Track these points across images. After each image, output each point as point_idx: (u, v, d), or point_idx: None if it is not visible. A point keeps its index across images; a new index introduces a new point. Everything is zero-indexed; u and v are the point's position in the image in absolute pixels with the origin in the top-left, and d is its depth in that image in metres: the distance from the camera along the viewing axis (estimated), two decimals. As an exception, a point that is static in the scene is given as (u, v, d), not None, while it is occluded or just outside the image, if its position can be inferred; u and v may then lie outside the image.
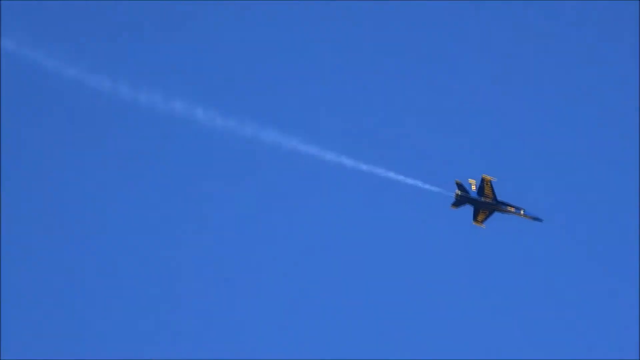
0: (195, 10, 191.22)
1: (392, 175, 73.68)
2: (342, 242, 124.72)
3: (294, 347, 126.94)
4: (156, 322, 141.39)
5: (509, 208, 70.85)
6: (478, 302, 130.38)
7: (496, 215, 74.62)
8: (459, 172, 70.55)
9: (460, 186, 69.31)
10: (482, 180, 67.98)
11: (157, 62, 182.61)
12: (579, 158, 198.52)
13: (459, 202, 69.07)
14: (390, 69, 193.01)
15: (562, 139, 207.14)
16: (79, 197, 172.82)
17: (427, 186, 70.79)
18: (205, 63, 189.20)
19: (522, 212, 71.98)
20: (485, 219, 69.72)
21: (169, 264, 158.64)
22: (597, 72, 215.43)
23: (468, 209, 68.64)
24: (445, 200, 68.67)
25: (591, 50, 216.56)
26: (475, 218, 69.98)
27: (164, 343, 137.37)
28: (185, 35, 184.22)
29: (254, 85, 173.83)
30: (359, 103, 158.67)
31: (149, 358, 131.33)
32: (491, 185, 67.83)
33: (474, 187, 70.06)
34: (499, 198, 67.05)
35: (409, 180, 72.30)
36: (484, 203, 68.26)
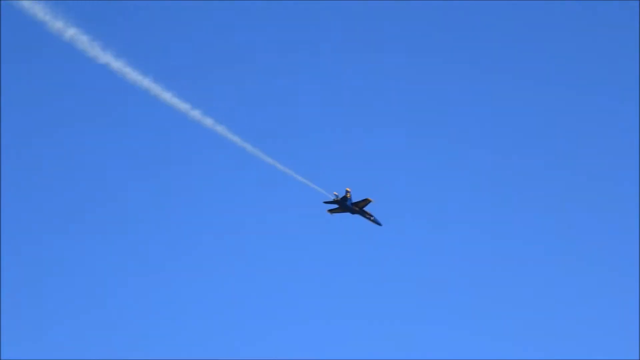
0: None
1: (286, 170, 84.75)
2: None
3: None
4: (156, 322, 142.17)
5: (367, 216, 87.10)
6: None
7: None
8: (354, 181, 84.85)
9: (339, 198, 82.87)
10: (347, 194, 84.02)
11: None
12: (579, 158, 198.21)
13: (336, 203, 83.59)
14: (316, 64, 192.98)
15: (562, 138, 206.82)
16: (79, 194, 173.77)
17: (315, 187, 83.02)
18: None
19: (372, 218, 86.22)
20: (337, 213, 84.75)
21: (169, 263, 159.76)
22: (597, 72, 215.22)
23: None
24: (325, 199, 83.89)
25: (591, 50, 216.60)
26: (331, 211, 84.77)
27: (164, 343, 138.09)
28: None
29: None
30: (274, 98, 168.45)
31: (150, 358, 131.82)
32: (358, 205, 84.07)
33: (348, 195, 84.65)
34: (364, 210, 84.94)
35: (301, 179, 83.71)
36: (350, 208, 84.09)
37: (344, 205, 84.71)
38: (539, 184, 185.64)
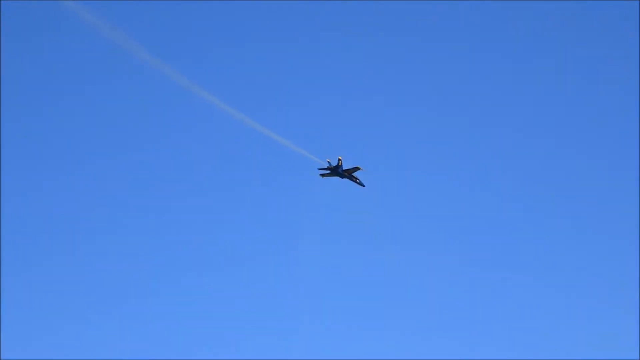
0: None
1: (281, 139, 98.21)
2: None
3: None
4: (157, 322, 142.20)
5: (354, 179, 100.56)
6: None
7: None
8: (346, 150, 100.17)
9: (335, 166, 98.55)
10: (340, 162, 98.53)
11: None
12: (578, 158, 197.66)
13: (329, 170, 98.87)
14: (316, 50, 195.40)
15: (561, 139, 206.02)
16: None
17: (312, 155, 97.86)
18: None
19: (357, 181, 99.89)
20: (328, 176, 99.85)
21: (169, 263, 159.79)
22: (597, 72, 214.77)
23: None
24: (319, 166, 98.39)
25: (591, 50, 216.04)
26: (323, 175, 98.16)
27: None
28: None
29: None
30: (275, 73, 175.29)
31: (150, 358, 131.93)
32: (348, 171, 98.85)
33: (340, 162, 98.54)
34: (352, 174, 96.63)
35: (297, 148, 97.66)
36: (340, 173, 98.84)
37: (335, 171, 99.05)
38: (536, 183, 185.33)
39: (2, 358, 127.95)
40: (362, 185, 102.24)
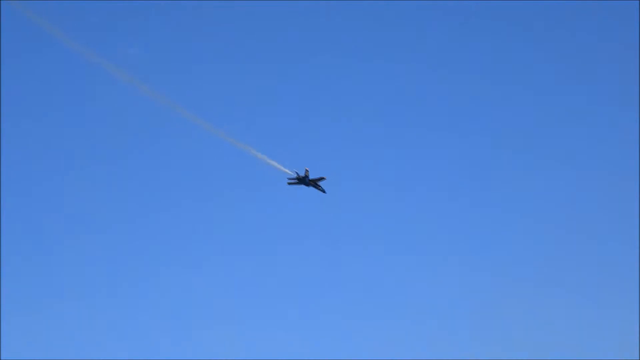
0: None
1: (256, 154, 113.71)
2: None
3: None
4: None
5: (317, 187, 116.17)
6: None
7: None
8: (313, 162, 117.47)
9: (303, 176, 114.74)
10: (307, 173, 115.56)
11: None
12: (578, 158, 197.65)
13: (296, 180, 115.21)
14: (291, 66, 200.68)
15: (560, 139, 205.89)
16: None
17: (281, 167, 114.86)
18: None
19: (320, 188, 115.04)
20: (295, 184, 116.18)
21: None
22: (597, 72, 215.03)
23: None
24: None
25: (591, 50, 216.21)
26: (290, 183, 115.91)
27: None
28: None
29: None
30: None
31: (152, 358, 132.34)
32: (314, 181, 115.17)
33: (307, 173, 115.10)
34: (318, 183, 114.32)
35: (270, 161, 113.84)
36: (306, 182, 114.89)
37: (302, 181, 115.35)
38: (529, 180, 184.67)
39: (2, 358, 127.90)
40: (324, 191, 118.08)
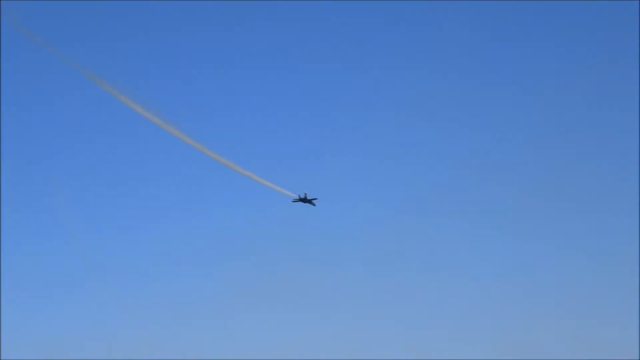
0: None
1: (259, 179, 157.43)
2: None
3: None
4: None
5: (311, 203, 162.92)
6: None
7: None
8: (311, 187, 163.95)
9: (303, 197, 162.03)
10: (306, 195, 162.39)
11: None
12: (577, 158, 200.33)
13: (298, 199, 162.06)
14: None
15: (560, 139, 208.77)
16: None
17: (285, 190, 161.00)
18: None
19: (313, 203, 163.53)
20: (299, 201, 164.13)
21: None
22: (597, 73, 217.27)
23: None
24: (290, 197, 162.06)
25: (591, 51, 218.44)
26: (295, 200, 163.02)
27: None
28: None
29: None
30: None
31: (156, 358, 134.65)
32: (309, 200, 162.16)
33: (306, 195, 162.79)
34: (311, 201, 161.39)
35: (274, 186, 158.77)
36: (306, 201, 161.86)
37: (303, 200, 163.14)
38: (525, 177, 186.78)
39: (2, 358, 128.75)
40: (314, 205, 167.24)
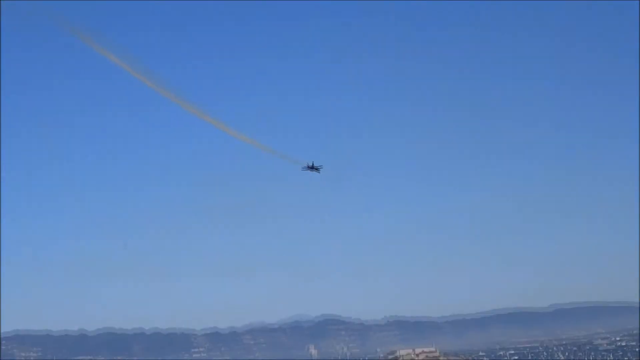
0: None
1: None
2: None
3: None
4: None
5: (316, 171, 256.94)
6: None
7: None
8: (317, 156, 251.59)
9: (311, 165, 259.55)
10: (313, 164, 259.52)
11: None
12: (577, 158, 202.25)
13: (307, 167, 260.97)
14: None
15: (559, 139, 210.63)
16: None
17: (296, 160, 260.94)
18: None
19: (318, 171, 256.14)
20: (308, 170, 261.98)
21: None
22: (597, 72, 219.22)
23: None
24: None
25: (591, 51, 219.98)
26: (304, 168, 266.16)
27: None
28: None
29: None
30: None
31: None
32: (316, 167, 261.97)
33: (313, 164, 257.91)
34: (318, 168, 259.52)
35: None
36: (313, 168, 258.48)
37: (310, 168, 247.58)
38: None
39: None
40: (319, 172, 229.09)
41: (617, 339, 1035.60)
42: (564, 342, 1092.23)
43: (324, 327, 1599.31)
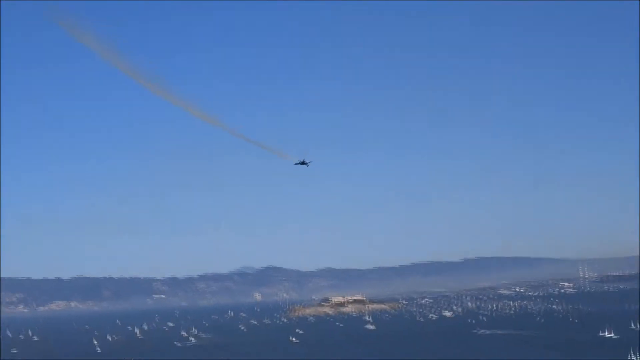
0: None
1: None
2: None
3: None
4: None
5: (307, 164, 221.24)
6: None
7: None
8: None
9: (302, 161, 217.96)
10: (304, 160, 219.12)
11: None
12: (577, 157, 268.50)
13: (299, 163, 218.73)
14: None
15: (559, 138, 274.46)
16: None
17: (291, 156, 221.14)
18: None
19: (308, 165, 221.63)
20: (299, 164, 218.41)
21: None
22: (597, 72, 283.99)
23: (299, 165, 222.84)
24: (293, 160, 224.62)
25: (591, 51, 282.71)
26: (297, 163, 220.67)
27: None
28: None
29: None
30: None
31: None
32: (306, 162, 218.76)
33: (304, 160, 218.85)
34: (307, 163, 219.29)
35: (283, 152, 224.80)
36: (303, 163, 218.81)
37: (302, 163, 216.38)
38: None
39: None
40: (308, 165, 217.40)
41: (518, 288, 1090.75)
42: (472, 290, 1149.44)
43: (268, 275, 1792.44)
